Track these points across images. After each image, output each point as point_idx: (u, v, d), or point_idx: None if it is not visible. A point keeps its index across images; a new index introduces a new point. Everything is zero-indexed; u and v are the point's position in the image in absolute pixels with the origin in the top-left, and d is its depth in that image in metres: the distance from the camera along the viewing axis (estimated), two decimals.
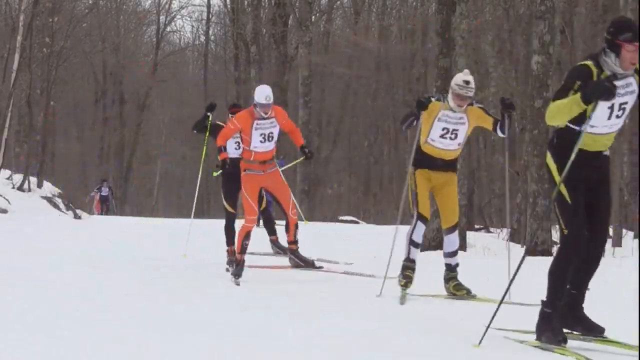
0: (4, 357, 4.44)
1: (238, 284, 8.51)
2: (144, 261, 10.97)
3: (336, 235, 17.04)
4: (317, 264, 10.01)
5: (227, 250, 10.39)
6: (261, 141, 9.20)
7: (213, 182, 49.88)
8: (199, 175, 12.03)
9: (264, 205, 10.68)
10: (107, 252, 12.20)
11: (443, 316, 6.74)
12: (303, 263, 9.71)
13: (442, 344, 5.44)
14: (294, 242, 9.82)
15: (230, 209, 10.41)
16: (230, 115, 10.29)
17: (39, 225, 16.46)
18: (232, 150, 10.16)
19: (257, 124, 9.16)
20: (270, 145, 9.31)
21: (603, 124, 5.39)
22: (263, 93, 9.15)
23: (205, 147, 11.31)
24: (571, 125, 5.33)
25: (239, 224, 10.11)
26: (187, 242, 11.33)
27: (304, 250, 10.00)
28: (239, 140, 10.05)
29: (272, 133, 9.25)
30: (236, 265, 9.07)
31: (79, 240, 14.34)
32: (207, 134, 10.87)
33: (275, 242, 11.54)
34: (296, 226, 9.72)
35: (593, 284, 7.33)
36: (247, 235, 9.12)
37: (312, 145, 34.75)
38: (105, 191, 33.31)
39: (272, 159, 9.41)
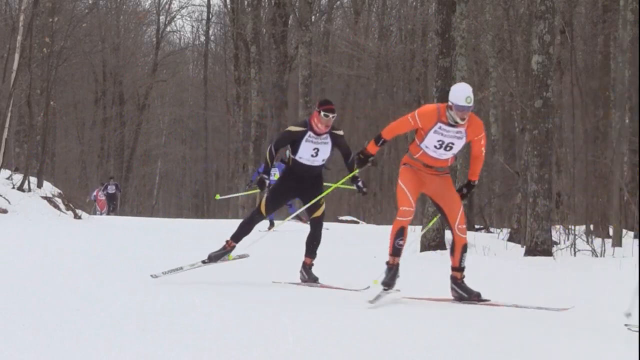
0: (4, 357, 4.44)
1: (378, 299, 7.13)
2: (144, 261, 10.97)
3: (336, 235, 17.04)
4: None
5: (227, 241, 9.02)
6: (436, 147, 7.45)
7: (212, 181, 50.06)
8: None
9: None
10: (107, 252, 12.21)
11: (451, 320, 6.73)
12: (467, 295, 7.56)
13: (450, 345, 5.44)
14: (459, 268, 7.68)
15: (262, 211, 8.92)
16: (322, 112, 8.57)
17: (39, 225, 16.46)
18: (308, 156, 8.72)
19: (439, 128, 7.40)
20: (446, 155, 7.51)
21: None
22: (463, 93, 7.24)
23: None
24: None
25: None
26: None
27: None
28: (318, 147, 8.69)
29: (452, 144, 7.44)
30: (388, 270, 7.48)
31: (78, 240, 14.34)
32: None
33: (306, 267, 9.16)
34: (464, 249, 7.69)
35: (594, 283, 7.34)
36: (400, 233, 7.48)
37: None
38: (112, 189, 33.32)
39: (442, 168, 7.63)
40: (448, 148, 7.44)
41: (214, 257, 8.98)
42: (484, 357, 5.05)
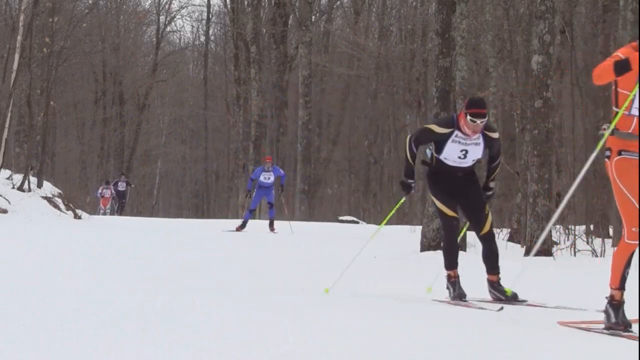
0: (4, 357, 4.44)
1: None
2: (144, 261, 10.98)
3: (336, 236, 17.04)
4: None
5: (449, 275, 7.64)
6: None
7: (212, 181, 50.09)
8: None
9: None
10: (107, 252, 12.21)
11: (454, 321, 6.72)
12: None
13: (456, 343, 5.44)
14: None
15: (449, 212, 7.51)
16: (469, 116, 7.20)
17: (39, 225, 16.46)
18: (454, 157, 7.42)
19: None
20: None
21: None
22: None
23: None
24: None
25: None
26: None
27: (306, 252, 9.77)
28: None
29: None
30: (615, 308, 5.81)
31: (78, 240, 14.34)
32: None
33: (494, 284, 7.64)
34: None
35: (594, 283, 7.34)
36: (630, 260, 5.78)
37: (311, 145, 34.89)
38: (122, 186, 33.40)
39: None
40: None
41: (457, 296, 7.52)
42: (484, 357, 5.04)
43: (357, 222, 27.52)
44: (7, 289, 7.22)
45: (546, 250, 12.36)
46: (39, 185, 20.38)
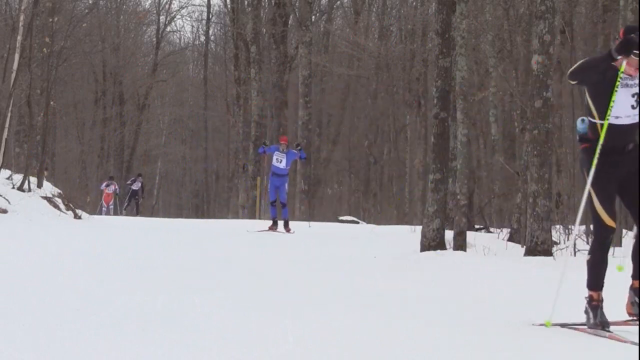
0: (4, 357, 4.44)
1: None
2: (144, 261, 10.98)
3: (336, 236, 17.04)
4: None
5: (590, 297, 6.24)
6: None
7: (212, 181, 50.14)
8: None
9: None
10: (107, 252, 12.20)
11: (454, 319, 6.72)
12: None
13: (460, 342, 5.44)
14: None
15: (608, 220, 6.11)
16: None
17: (39, 225, 16.45)
18: (627, 108, 6.00)
19: None
20: None
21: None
22: None
23: None
24: None
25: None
26: None
27: (306, 252, 9.77)
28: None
29: None
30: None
31: (78, 240, 14.33)
32: None
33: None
34: None
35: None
36: None
37: (311, 145, 34.87)
38: (137, 185, 33.60)
39: None
40: None
41: (598, 324, 6.07)
42: (484, 357, 5.04)
43: (357, 222, 27.52)
44: (7, 289, 7.21)
45: (546, 250, 12.36)
46: (39, 185, 20.37)
